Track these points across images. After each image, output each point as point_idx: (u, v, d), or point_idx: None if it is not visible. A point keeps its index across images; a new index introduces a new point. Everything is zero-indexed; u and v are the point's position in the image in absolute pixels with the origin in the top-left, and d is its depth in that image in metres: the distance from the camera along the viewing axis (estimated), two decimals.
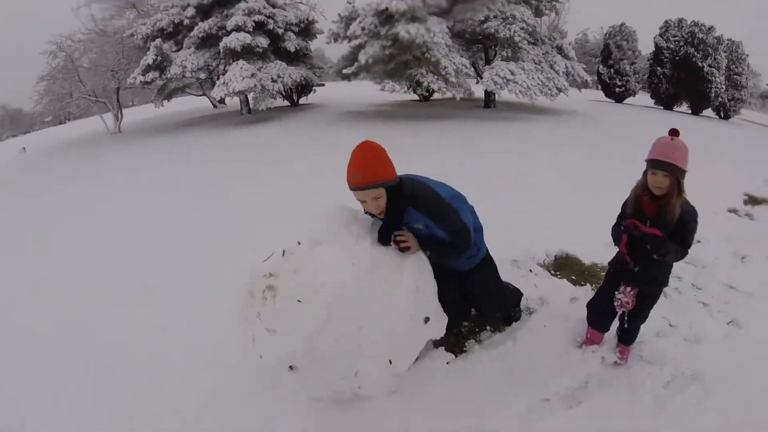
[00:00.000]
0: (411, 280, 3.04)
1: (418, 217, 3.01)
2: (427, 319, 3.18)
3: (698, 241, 5.25)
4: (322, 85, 22.12)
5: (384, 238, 3.11)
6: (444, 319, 3.41)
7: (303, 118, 17.08)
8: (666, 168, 2.89)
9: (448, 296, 3.44)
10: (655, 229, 2.95)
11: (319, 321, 2.73)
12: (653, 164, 2.95)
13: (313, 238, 3.00)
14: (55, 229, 7.30)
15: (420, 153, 9.56)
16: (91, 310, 4.49)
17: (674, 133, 2.94)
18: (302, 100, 22.87)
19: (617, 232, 3.27)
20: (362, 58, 14.42)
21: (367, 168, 2.79)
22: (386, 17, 14.21)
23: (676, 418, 3.09)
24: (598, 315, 3.69)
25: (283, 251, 3.01)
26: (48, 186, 10.82)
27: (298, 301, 2.76)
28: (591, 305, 3.75)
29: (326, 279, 2.78)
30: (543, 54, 17.75)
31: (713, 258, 5.16)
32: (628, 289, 3.39)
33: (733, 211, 6.90)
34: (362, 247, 2.98)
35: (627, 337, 3.64)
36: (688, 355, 3.64)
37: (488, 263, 3.63)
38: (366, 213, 3.25)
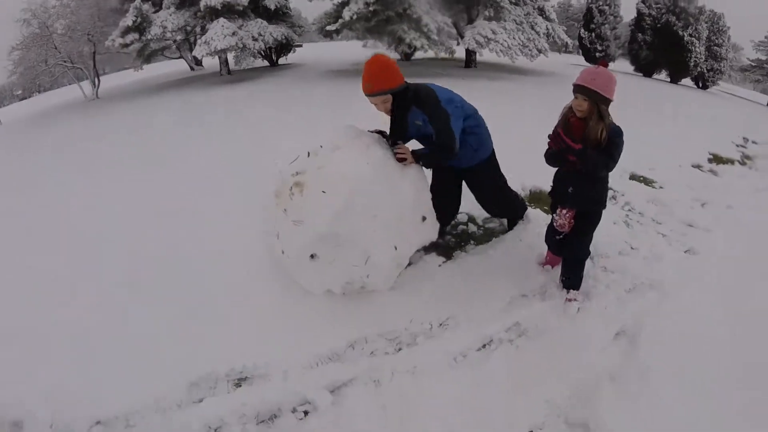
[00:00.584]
0: (411, 183, 3.68)
1: (418, 113, 3.55)
2: (424, 218, 3.82)
3: (661, 186, 6.10)
4: (300, 46, 22.36)
5: (393, 136, 3.79)
6: (436, 225, 4.03)
7: (283, 77, 16.95)
8: (584, 92, 3.15)
9: (441, 188, 4.11)
10: (571, 142, 3.25)
11: (342, 206, 3.32)
12: (574, 88, 3.22)
13: (333, 143, 3.62)
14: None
15: None
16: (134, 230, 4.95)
17: (602, 63, 3.25)
18: (282, 61, 22.94)
19: (548, 151, 3.52)
20: (347, 14, 14.68)
21: (374, 79, 3.43)
22: None
23: (637, 314, 3.62)
24: (550, 239, 3.98)
25: (308, 153, 3.64)
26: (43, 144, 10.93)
27: (323, 191, 3.37)
28: (546, 232, 4.02)
29: (347, 171, 3.40)
30: (524, 15, 17.95)
31: (674, 200, 5.64)
32: (564, 210, 3.66)
33: (697, 166, 7.43)
34: (373, 150, 3.59)
35: (569, 280, 3.82)
36: (647, 270, 4.18)
37: (490, 164, 4.10)
38: (373, 131, 3.86)
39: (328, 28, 16.19)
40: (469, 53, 18.94)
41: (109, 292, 3.93)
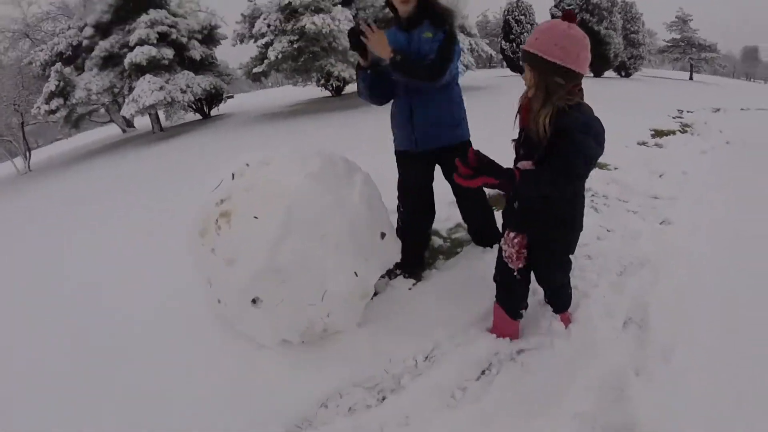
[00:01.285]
0: (361, 194, 3.00)
1: (429, 27, 3.01)
2: (383, 235, 3.13)
3: (616, 168, 5.89)
4: (231, 96, 21.80)
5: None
6: (397, 243, 3.37)
7: (216, 127, 16.57)
8: (525, 58, 2.19)
9: (415, 180, 3.53)
10: (464, 167, 2.14)
11: (279, 232, 2.63)
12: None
13: (260, 159, 2.95)
14: None
15: (335, 138, 9.63)
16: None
17: (566, 15, 2.15)
18: (214, 111, 22.32)
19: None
20: (271, 54, 14.19)
21: None
22: (290, 12, 14.06)
23: (637, 297, 3.22)
24: (502, 277, 2.90)
25: (233, 174, 2.94)
26: None
27: (255, 217, 2.68)
28: (496, 267, 2.94)
29: (280, 189, 2.72)
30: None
31: (632, 178, 5.46)
32: (511, 235, 2.61)
33: (643, 143, 7.38)
34: (311, 161, 2.93)
35: (557, 305, 3.03)
36: (631, 249, 3.84)
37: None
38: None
39: (255, 70, 15.72)
40: None
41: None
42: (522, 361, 2.82)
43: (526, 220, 2.56)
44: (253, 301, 2.78)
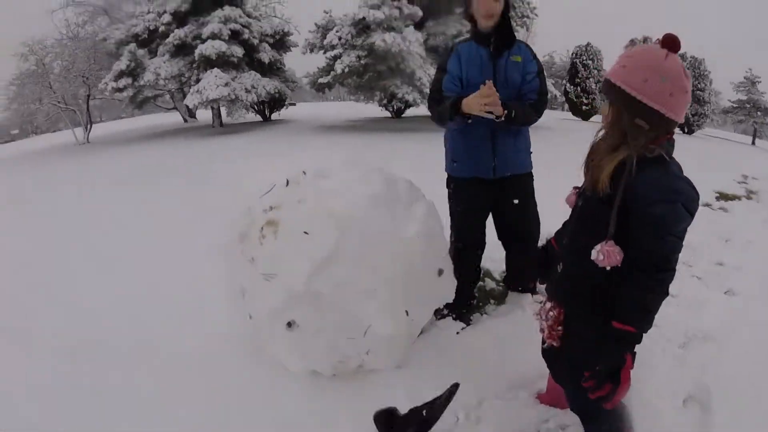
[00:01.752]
0: (422, 223, 2.68)
1: (524, 49, 2.91)
2: (440, 271, 2.82)
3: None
4: (293, 104, 21.73)
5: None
6: (454, 283, 3.05)
7: (272, 131, 16.43)
8: (605, 89, 1.66)
9: (474, 210, 3.25)
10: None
11: (327, 253, 2.34)
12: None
13: (319, 170, 2.66)
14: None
15: (391, 159, 9.20)
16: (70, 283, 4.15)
17: (666, 40, 1.54)
18: (274, 116, 22.20)
19: None
20: (338, 67, 14.13)
21: None
22: (363, 27, 13.99)
23: (699, 377, 2.86)
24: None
25: (287, 181, 2.67)
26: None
27: (305, 233, 2.39)
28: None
29: (336, 205, 2.43)
30: None
31: (698, 241, 5.13)
32: (548, 305, 1.97)
33: (707, 205, 7.04)
34: (374, 179, 2.64)
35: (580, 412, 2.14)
36: (695, 320, 3.52)
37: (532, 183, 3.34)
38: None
39: (320, 80, 15.69)
40: None
41: None
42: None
43: (564, 288, 1.89)
44: (289, 324, 2.48)
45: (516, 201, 3.21)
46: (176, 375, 2.81)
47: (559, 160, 5.25)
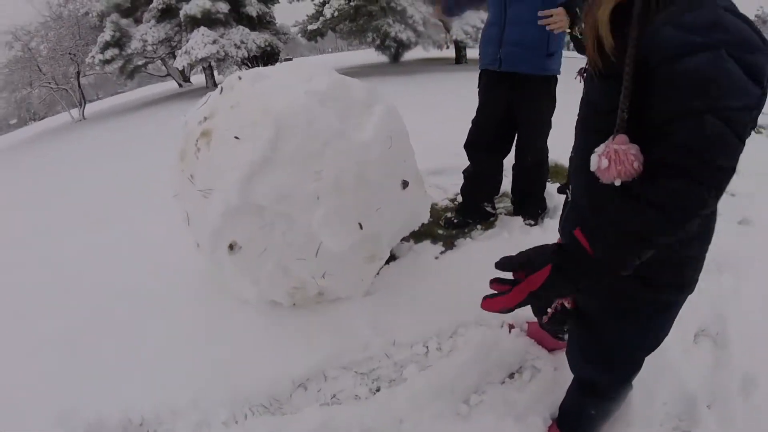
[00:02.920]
0: (379, 126, 2.35)
1: None
2: (405, 183, 2.50)
3: None
4: (290, 59, 21.28)
5: None
6: (427, 200, 2.80)
7: None
8: None
9: (494, 111, 3.10)
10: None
11: (261, 157, 2.05)
12: None
13: (258, 72, 2.38)
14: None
15: (396, 97, 8.99)
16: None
17: None
18: None
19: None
20: (327, 11, 13.79)
21: None
22: None
23: (715, 309, 2.56)
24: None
25: (221, 88, 2.36)
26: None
27: (236, 138, 2.10)
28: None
29: (270, 104, 2.12)
30: None
31: None
32: None
33: None
34: (319, 78, 2.32)
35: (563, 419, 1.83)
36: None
37: (553, 89, 3.06)
38: None
39: (310, 27, 15.28)
40: (459, 49, 17.72)
41: None
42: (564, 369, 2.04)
43: (572, 224, 1.21)
44: (230, 247, 2.21)
45: (523, 108, 3.02)
46: (135, 317, 2.66)
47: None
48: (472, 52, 17.38)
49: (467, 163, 3.37)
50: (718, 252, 2.79)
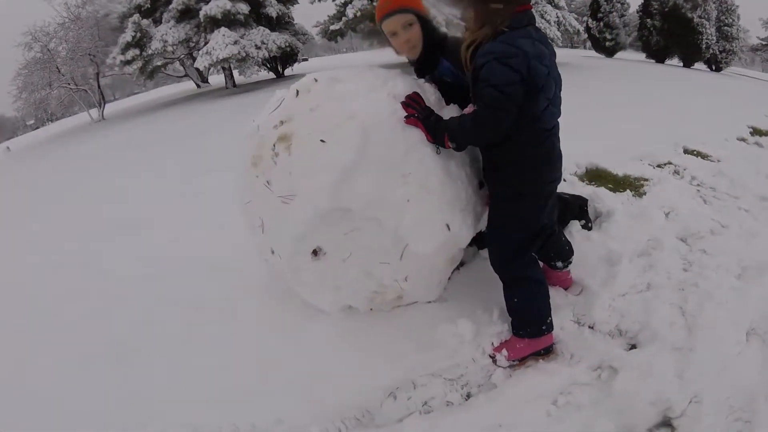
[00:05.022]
0: None
1: (447, 67, 2.43)
2: (482, 184, 2.49)
3: (719, 160, 5.35)
4: (306, 59, 21.35)
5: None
6: None
7: (287, 87, 16.20)
8: (455, 3, 2.08)
9: None
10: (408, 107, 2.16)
11: (351, 160, 2.04)
12: None
13: (332, 75, 2.35)
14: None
15: None
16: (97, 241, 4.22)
17: None
18: (288, 72, 21.78)
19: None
20: (350, 12, 13.72)
21: None
22: None
23: (761, 308, 2.62)
24: None
25: (297, 91, 2.32)
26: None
27: (321, 141, 2.08)
28: None
29: (356, 107, 2.11)
30: (533, 3, 16.80)
31: (738, 174, 4.87)
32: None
33: (742, 139, 6.73)
34: (396, 82, 2.30)
35: (512, 318, 2.37)
36: (749, 250, 3.26)
37: None
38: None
39: (332, 28, 15.26)
40: None
41: None
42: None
43: (485, 171, 2.29)
44: (314, 252, 2.23)
45: None
46: (198, 327, 2.64)
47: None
48: None
49: None
50: (759, 254, 3.20)
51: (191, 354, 2.45)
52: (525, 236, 2.24)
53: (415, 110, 2.14)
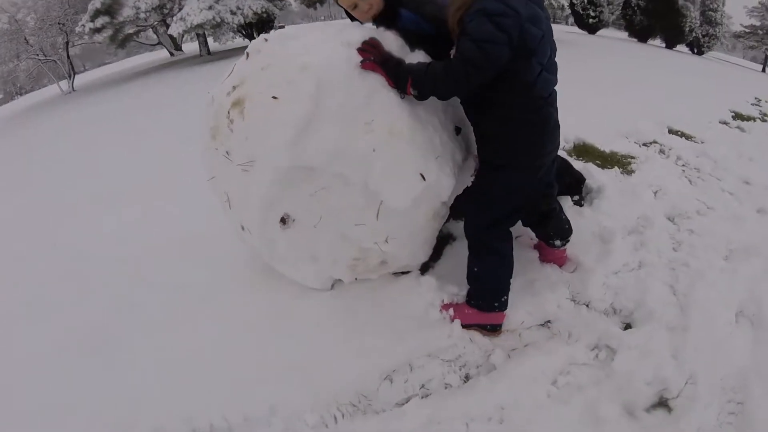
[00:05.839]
0: None
1: (408, 16, 2.22)
2: (458, 130, 2.41)
3: (702, 142, 5.50)
4: (282, 26, 20.81)
5: None
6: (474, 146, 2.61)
7: None
8: None
9: None
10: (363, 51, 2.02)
11: (306, 112, 1.93)
12: None
13: (284, 32, 2.25)
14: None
15: None
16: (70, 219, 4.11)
17: None
18: None
19: None
20: None
21: None
22: None
23: (750, 290, 2.70)
24: None
25: (246, 54, 2.21)
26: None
27: (273, 98, 1.96)
28: None
29: (308, 60, 1.98)
30: None
31: (722, 156, 5.04)
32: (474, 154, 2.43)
33: (725, 123, 6.92)
34: (353, 30, 2.17)
35: (467, 276, 2.34)
36: (735, 233, 3.36)
37: None
38: None
39: None
40: None
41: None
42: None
43: (477, 138, 2.20)
44: (283, 220, 2.13)
45: None
46: (181, 312, 2.54)
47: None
48: None
49: None
50: (744, 236, 3.28)
51: (176, 342, 2.33)
52: (508, 209, 2.19)
53: (372, 54, 2.00)
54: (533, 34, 1.81)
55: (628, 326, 2.36)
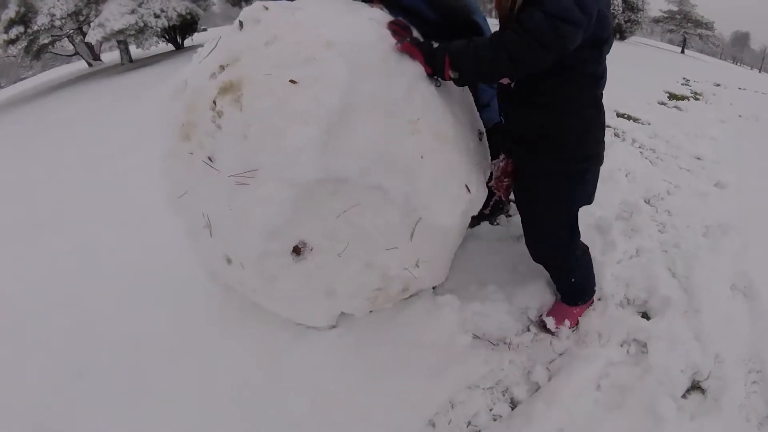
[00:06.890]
0: None
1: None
2: (481, 135, 2.04)
3: (648, 123, 5.57)
4: (205, 29, 19.93)
5: None
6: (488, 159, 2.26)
7: (188, 58, 15.19)
8: None
9: None
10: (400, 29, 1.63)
11: (337, 104, 1.44)
12: None
13: (284, 4, 1.73)
14: None
15: None
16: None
17: None
18: (187, 42, 20.06)
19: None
20: None
21: None
22: None
23: (736, 264, 2.72)
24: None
25: (240, 23, 1.69)
26: None
27: (291, 81, 1.46)
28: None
29: (332, 35, 1.50)
30: None
31: (670, 135, 5.18)
32: (500, 157, 1.96)
33: (662, 103, 7.14)
34: (364, 7, 1.77)
35: (564, 293, 2.18)
36: (705, 210, 3.38)
37: None
38: None
39: None
40: None
41: None
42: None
43: (510, 135, 1.78)
44: (296, 250, 1.61)
45: None
46: (143, 375, 1.98)
47: None
48: None
49: None
50: (714, 213, 3.31)
51: (141, 417, 1.81)
52: (575, 213, 1.93)
53: (407, 34, 1.63)
54: (608, 21, 1.50)
55: (644, 315, 2.28)
